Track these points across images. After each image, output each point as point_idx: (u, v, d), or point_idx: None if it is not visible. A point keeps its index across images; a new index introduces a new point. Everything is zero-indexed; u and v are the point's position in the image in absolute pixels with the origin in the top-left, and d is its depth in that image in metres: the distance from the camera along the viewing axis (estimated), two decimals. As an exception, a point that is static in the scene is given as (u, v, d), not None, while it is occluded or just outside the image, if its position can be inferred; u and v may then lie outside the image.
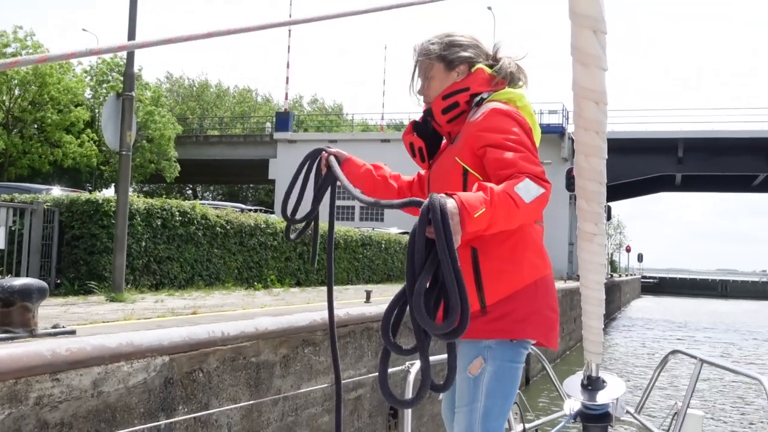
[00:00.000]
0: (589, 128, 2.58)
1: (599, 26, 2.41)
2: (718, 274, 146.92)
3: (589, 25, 2.40)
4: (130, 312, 6.93)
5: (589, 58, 2.44)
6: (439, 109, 2.74)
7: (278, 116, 46.81)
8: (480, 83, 2.71)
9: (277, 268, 13.78)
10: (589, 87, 2.49)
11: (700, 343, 27.23)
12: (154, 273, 10.54)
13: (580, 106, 2.55)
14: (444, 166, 2.71)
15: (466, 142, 2.61)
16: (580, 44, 2.43)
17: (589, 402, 3.30)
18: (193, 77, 62.63)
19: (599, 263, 2.85)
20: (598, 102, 2.53)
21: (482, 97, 2.70)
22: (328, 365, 7.13)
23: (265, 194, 58.22)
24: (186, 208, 11.24)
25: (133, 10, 9.40)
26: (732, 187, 49.90)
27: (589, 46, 2.43)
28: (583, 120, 2.57)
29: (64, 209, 9.81)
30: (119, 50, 1.57)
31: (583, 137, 2.60)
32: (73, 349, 4.23)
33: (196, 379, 5.27)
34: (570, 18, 2.44)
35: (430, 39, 2.80)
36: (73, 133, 32.33)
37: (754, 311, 50.39)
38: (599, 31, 2.43)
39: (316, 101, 69.27)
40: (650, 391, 4.31)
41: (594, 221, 2.76)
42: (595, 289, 2.93)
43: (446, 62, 2.75)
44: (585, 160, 2.64)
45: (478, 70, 2.73)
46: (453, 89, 2.72)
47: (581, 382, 3.36)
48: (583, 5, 2.38)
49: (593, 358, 3.27)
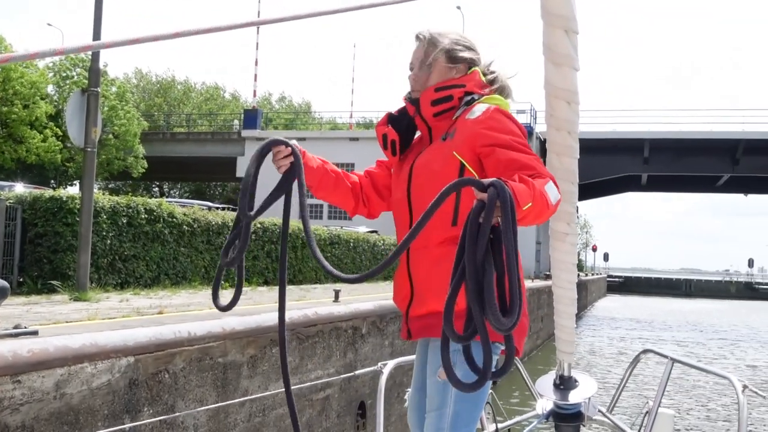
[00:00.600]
0: (561, 128, 2.57)
1: (571, 26, 2.41)
2: (682, 273, 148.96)
3: (561, 24, 2.40)
4: (95, 312, 6.82)
5: (561, 57, 2.44)
6: (429, 100, 2.68)
7: (246, 114, 46.55)
8: (474, 84, 2.68)
9: (245, 267, 13.66)
10: (561, 86, 2.49)
11: (663, 342, 27.56)
12: (119, 272, 10.39)
13: (552, 106, 2.55)
14: (435, 161, 2.63)
15: (465, 138, 2.55)
16: (552, 44, 2.43)
17: (561, 401, 3.29)
18: (160, 73, 61.92)
19: (571, 262, 2.85)
20: (570, 102, 2.53)
21: (473, 97, 2.66)
22: (295, 365, 7.08)
23: (232, 192, 57.82)
24: (152, 206, 11.11)
25: (98, 9, 9.26)
26: (697, 187, 50.63)
27: (561, 45, 2.42)
28: (555, 119, 2.56)
29: (27, 206, 9.63)
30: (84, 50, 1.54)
31: (555, 137, 2.60)
32: (35, 350, 4.14)
33: (162, 380, 5.19)
34: (542, 17, 2.43)
35: (440, 31, 2.76)
36: (36, 127, 31.85)
37: (718, 310, 51.13)
38: (571, 31, 2.42)
39: (285, 99, 68.92)
40: (621, 390, 4.31)
41: (566, 221, 2.76)
42: (568, 288, 2.93)
43: (450, 57, 2.71)
44: (557, 159, 2.64)
45: (474, 72, 2.71)
46: (449, 83, 2.68)
47: (553, 382, 3.35)
48: (555, 5, 2.37)
49: (565, 358, 3.27)
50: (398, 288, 2.76)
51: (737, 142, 40.31)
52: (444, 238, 2.56)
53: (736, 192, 51.48)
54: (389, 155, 2.85)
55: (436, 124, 2.71)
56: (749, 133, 40.48)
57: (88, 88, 9.34)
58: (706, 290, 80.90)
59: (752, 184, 46.44)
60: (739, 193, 51.53)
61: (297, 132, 47.01)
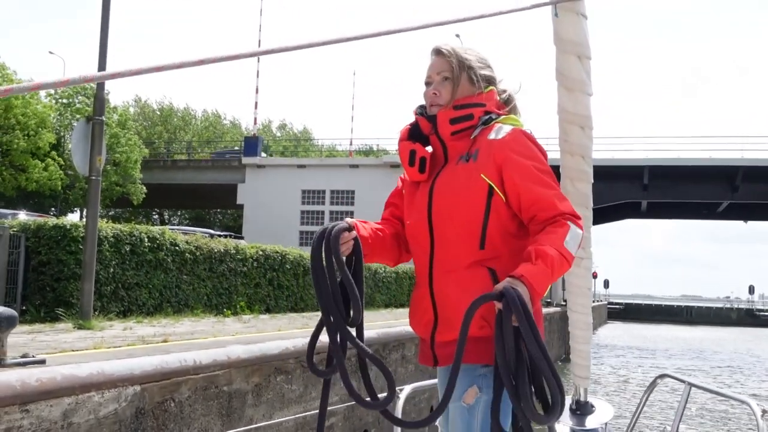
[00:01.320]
0: (575, 153, 2.58)
1: (584, 52, 2.42)
2: (682, 300, 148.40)
3: (574, 50, 2.41)
4: (100, 340, 6.82)
5: (574, 83, 2.45)
6: (448, 118, 2.60)
7: (247, 141, 46.70)
8: (492, 103, 2.64)
9: (247, 295, 13.67)
10: (574, 111, 2.50)
11: (666, 369, 27.41)
12: (122, 300, 10.39)
13: (565, 131, 2.55)
14: (458, 182, 2.55)
15: (491, 159, 2.51)
16: (565, 69, 2.44)
17: (578, 426, 3.25)
18: (159, 100, 62.13)
19: (586, 287, 2.84)
20: (584, 126, 2.53)
21: (491, 116, 2.61)
22: (300, 394, 7.06)
23: (232, 219, 57.82)
24: (155, 234, 11.13)
25: (104, 38, 9.34)
26: (696, 214, 50.59)
27: (574, 71, 2.44)
28: (568, 144, 2.57)
29: (31, 234, 9.66)
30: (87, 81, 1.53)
31: (569, 162, 2.60)
32: (44, 380, 4.14)
33: (168, 409, 5.19)
34: (555, 44, 2.45)
35: (462, 48, 2.69)
36: (39, 156, 31.92)
37: (721, 339, 50.88)
38: (584, 57, 2.44)
39: (285, 126, 69.18)
40: (639, 415, 4.29)
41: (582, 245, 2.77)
42: (583, 312, 2.92)
43: (474, 75, 2.64)
44: (571, 184, 2.64)
45: (491, 91, 2.66)
46: (469, 101, 2.61)
47: (570, 407, 3.31)
48: (568, 31, 2.39)
49: (581, 383, 3.23)
50: (420, 313, 2.65)
51: (736, 168, 40.38)
52: (471, 261, 2.50)
53: (735, 219, 51.48)
54: (413, 172, 2.69)
55: (452, 143, 2.64)
56: (748, 160, 40.57)
57: (92, 116, 9.39)
58: (707, 317, 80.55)
59: (752, 210, 46.46)
60: (738, 219, 51.52)
61: (297, 159, 47.12)
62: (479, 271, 2.48)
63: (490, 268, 2.49)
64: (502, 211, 2.50)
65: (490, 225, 2.50)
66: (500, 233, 2.50)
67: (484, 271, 2.48)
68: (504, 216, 2.50)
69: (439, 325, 2.59)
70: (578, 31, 2.40)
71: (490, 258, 2.49)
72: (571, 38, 2.41)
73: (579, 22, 2.41)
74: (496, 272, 2.48)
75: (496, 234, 2.50)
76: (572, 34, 2.40)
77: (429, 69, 2.70)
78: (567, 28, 2.40)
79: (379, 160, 44.69)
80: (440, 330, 2.58)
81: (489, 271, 2.48)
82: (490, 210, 2.49)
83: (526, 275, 2.26)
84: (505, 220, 2.50)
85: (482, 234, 2.50)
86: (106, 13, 9.40)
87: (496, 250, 2.50)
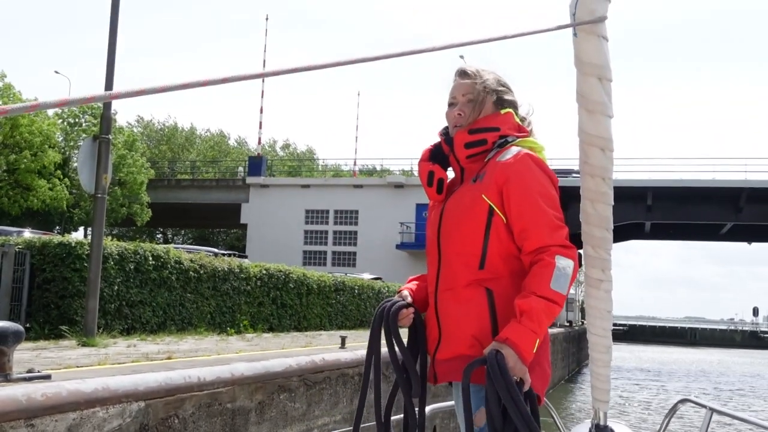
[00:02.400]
0: (596, 174, 2.56)
1: (605, 74, 2.43)
2: (686, 321, 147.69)
3: (595, 72, 2.41)
4: (104, 357, 6.84)
5: (595, 105, 2.44)
6: (463, 142, 2.64)
7: (251, 160, 46.88)
8: (509, 126, 2.64)
9: (250, 313, 13.68)
10: (595, 134, 2.49)
11: (675, 392, 27.28)
12: (126, 317, 10.41)
13: (586, 153, 2.54)
14: (463, 202, 2.60)
15: (493, 180, 2.53)
16: (586, 92, 2.44)
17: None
18: (163, 120, 62.42)
19: (606, 309, 2.79)
20: (604, 149, 2.52)
21: (507, 139, 2.62)
22: (303, 412, 7.07)
23: (236, 239, 57.90)
24: (159, 252, 11.17)
25: (111, 57, 9.43)
26: (700, 235, 50.53)
27: (595, 93, 2.43)
28: (589, 167, 2.56)
29: (36, 252, 9.70)
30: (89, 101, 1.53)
31: (589, 183, 2.58)
32: (49, 394, 4.17)
33: (172, 425, 5.21)
34: (575, 66, 2.45)
35: (486, 69, 2.71)
36: (44, 175, 32.02)
37: (728, 362, 50.56)
38: (605, 79, 2.43)
39: (289, 146, 69.40)
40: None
41: (601, 267, 2.73)
42: (603, 335, 2.88)
43: (498, 99, 2.67)
44: (591, 206, 2.62)
45: (508, 113, 2.67)
46: (483, 125, 2.63)
47: (589, 430, 3.27)
48: (588, 53, 2.39)
49: (601, 406, 3.17)
50: (428, 330, 2.71)
51: (740, 190, 40.37)
52: (470, 280, 2.53)
53: (739, 240, 51.39)
54: (432, 193, 2.75)
55: (469, 165, 2.67)
56: (752, 182, 40.58)
57: (99, 135, 9.46)
58: (711, 339, 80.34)
59: (755, 232, 46.39)
60: (742, 241, 51.44)
61: (301, 179, 47.29)
62: (476, 290, 2.52)
63: (488, 288, 2.52)
64: (503, 232, 2.52)
65: (490, 245, 2.52)
66: (501, 254, 2.52)
67: (482, 290, 2.52)
68: (504, 237, 2.52)
69: (441, 343, 2.63)
70: (599, 53, 2.40)
71: (489, 278, 2.52)
72: (592, 60, 2.41)
73: (599, 44, 2.40)
74: (494, 293, 2.51)
75: (496, 254, 2.52)
76: (593, 56, 2.40)
77: (453, 90, 2.72)
78: (587, 50, 2.40)
79: (383, 180, 44.81)
80: (441, 348, 2.63)
81: (486, 292, 2.52)
82: (490, 230, 2.52)
83: (511, 338, 2.32)
84: (506, 241, 2.52)
85: (482, 254, 2.53)
86: (114, 34, 9.50)
87: (495, 271, 2.52)
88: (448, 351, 2.58)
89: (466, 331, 2.51)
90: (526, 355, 2.32)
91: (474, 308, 2.50)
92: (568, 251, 2.44)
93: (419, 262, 40.04)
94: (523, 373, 2.33)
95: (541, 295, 2.36)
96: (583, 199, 2.63)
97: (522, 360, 2.31)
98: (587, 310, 2.84)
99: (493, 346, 2.33)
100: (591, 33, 2.38)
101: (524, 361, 2.32)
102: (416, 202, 41.69)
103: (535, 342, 2.34)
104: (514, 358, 2.30)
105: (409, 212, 41.87)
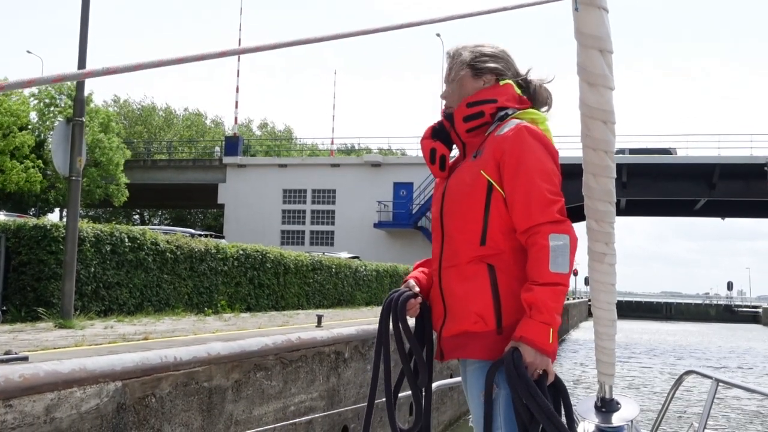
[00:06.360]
0: (598, 148, 2.56)
1: (606, 46, 2.41)
2: (662, 296, 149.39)
3: (596, 45, 2.40)
4: (81, 338, 6.90)
5: (596, 77, 2.44)
6: (462, 116, 2.67)
7: (227, 140, 46.71)
8: (507, 98, 2.66)
9: (228, 294, 13.75)
10: (597, 106, 2.48)
11: (648, 366, 27.65)
12: (103, 299, 10.45)
13: (587, 126, 2.53)
14: (464, 179, 2.62)
15: (492, 155, 2.56)
16: (587, 64, 2.43)
17: (603, 424, 3.19)
18: (138, 100, 61.85)
19: (610, 283, 2.80)
20: (606, 121, 2.52)
21: (507, 112, 2.64)
22: (279, 389, 7.18)
23: (213, 219, 57.75)
24: (136, 234, 11.19)
25: (84, 36, 9.39)
26: (675, 211, 51.13)
27: (596, 65, 2.43)
28: (591, 140, 2.55)
29: (11, 235, 9.70)
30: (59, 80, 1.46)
31: (591, 157, 2.59)
32: (26, 375, 4.24)
33: (149, 404, 5.29)
34: (576, 38, 2.43)
35: (464, 45, 2.77)
36: (18, 157, 31.71)
37: (699, 332, 51.33)
38: (606, 51, 2.42)
39: (266, 125, 69.13)
40: (665, 412, 4.25)
41: (605, 241, 2.73)
42: (607, 309, 2.87)
43: (474, 70, 2.69)
44: (594, 179, 2.63)
45: (507, 85, 2.69)
46: (479, 98, 2.66)
47: (594, 404, 3.26)
48: (589, 26, 2.37)
49: (606, 380, 3.19)
50: (434, 307, 2.73)
51: (713, 167, 40.86)
52: (472, 257, 2.56)
53: (713, 216, 52.09)
54: (435, 170, 2.78)
55: (469, 140, 2.70)
56: (725, 158, 41.10)
57: (72, 117, 9.44)
58: (687, 313, 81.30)
59: (729, 208, 47.04)
60: (716, 216, 52.14)
61: (278, 158, 47.17)
62: (478, 266, 2.55)
63: (490, 264, 2.54)
64: (503, 208, 2.54)
65: (490, 221, 2.55)
66: (502, 230, 2.54)
67: (483, 267, 2.54)
68: (505, 212, 2.54)
69: (447, 320, 2.64)
70: (599, 25, 2.36)
71: (491, 254, 2.54)
72: (593, 32, 2.36)
73: (600, 16, 2.37)
74: (495, 269, 2.53)
75: (497, 230, 2.54)
76: (593, 29, 2.36)
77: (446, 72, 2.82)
78: (588, 23, 2.35)
79: (360, 159, 44.84)
80: (447, 324, 2.64)
81: (488, 267, 2.54)
82: (490, 206, 2.54)
83: (525, 335, 2.37)
84: (506, 216, 2.54)
85: (483, 230, 2.55)
86: (86, 12, 9.45)
87: (497, 247, 2.54)
88: (454, 327, 2.60)
89: (470, 307, 2.53)
90: (544, 347, 2.37)
91: (476, 285, 2.53)
92: (560, 226, 2.46)
93: (397, 241, 40.23)
94: (546, 364, 2.38)
95: (543, 282, 2.40)
96: (585, 173, 2.61)
97: (542, 353, 2.36)
98: (591, 284, 2.83)
99: (510, 344, 2.39)
100: (591, 5, 2.36)
101: (544, 353, 2.37)
102: (393, 180, 41.84)
103: (549, 332, 2.38)
104: (531, 353, 2.36)
105: (386, 191, 41.99)
